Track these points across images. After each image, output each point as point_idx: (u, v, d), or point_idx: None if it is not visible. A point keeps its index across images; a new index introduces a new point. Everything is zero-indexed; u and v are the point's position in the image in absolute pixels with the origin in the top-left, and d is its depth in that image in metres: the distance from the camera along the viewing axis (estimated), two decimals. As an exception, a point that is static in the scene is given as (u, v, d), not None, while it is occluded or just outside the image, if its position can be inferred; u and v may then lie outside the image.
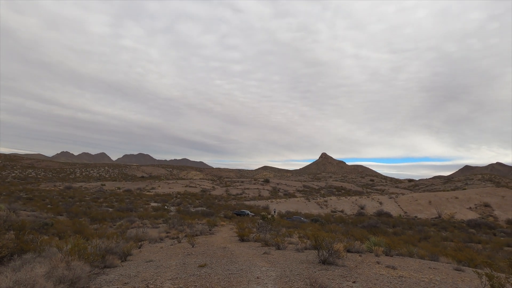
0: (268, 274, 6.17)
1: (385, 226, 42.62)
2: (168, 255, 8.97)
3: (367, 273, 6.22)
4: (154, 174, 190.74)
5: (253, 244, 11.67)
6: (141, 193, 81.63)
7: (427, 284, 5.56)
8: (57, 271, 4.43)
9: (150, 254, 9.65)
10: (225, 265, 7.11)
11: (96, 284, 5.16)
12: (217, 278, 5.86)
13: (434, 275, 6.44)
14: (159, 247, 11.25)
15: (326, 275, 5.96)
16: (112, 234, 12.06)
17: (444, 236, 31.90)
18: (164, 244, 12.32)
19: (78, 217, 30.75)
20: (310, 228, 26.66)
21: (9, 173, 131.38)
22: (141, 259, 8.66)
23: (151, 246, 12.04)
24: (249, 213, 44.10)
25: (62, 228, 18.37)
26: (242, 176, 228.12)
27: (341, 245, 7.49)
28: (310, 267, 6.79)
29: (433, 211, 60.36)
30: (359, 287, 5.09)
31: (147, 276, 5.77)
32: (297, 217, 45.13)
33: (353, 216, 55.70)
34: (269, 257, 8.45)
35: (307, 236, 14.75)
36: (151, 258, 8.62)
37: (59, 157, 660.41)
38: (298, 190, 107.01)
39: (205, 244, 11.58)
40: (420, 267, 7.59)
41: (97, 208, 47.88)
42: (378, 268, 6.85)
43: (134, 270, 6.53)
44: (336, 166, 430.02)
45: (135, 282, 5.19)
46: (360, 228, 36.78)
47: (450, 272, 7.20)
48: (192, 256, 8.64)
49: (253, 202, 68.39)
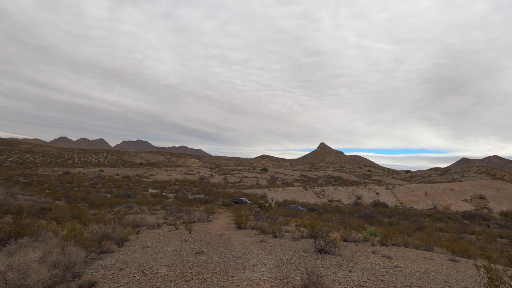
0: (264, 262, 6.18)
1: (381, 216, 43.22)
2: (165, 242, 8.99)
3: (363, 263, 6.24)
4: (152, 161, 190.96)
5: (250, 232, 11.74)
6: (139, 180, 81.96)
7: (422, 274, 5.59)
8: (51, 256, 4.39)
9: (147, 240, 9.69)
10: (222, 252, 7.12)
11: (92, 269, 5.15)
12: (213, 265, 5.85)
13: (429, 266, 6.49)
14: (156, 233, 11.30)
15: (322, 264, 5.98)
16: (110, 219, 12.08)
17: (438, 227, 32.41)
18: (161, 231, 12.37)
19: (76, 202, 30.87)
20: (307, 217, 26.94)
21: (7, 157, 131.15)
22: (138, 245, 8.68)
23: (148, 232, 12.10)
24: (246, 201, 44.46)
25: (60, 213, 18.43)
26: (241, 164, 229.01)
27: (337, 234, 7.51)
28: (306, 255, 6.82)
29: (429, 202, 61.13)
30: (355, 276, 5.10)
31: (143, 262, 5.76)
32: (294, 205, 45.58)
33: (349, 206, 56.36)
34: (266, 245, 8.49)
35: (304, 225, 14.85)
36: (148, 244, 8.64)
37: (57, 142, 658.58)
38: (296, 179, 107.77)
39: (202, 231, 11.64)
40: (416, 257, 7.66)
41: (95, 193, 48.06)
42: (374, 258, 6.89)
43: (130, 256, 6.54)
44: (334, 156, 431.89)
45: (131, 268, 5.18)
46: (356, 217, 37.26)
47: (445, 262, 7.26)
48: (189, 243, 8.67)
49: (251, 190, 68.90)
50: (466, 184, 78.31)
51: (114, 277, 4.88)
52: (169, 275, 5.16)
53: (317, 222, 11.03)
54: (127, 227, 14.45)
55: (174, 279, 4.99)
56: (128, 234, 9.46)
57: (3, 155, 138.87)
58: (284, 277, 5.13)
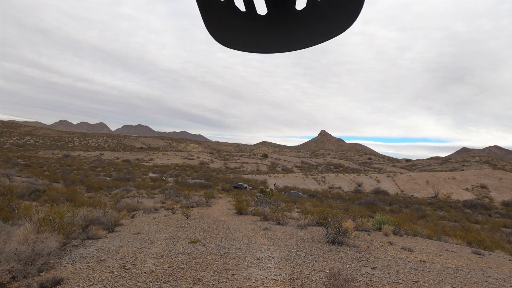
0: (271, 254, 5.41)
1: (382, 203, 42.84)
2: (159, 227, 8.27)
3: (384, 257, 5.47)
4: (153, 146, 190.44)
5: (251, 218, 11.04)
6: (139, 164, 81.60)
7: (455, 272, 4.82)
8: (9, 246, 3.59)
9: (141, 225, 8.97)
10: (221, 242, 6.38)
11: (69, 260, 4.37)
12: (210, 258, 5.08)
13: (457, 260, 5.74)
14: (151, 218, 10.59)
15: (338, 258, 5.21)
16: (100, 203, 11.34)
17: (441, 215, 31.95)
18: (157, 215, 11.68)
19: (74, 185, 30.33)
20: (308, 203, 26.37)
21: (7, 139, 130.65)
22: (130, 230, 7.95)
23: (144, 217, 11.40)
24: (247, 187, 44.02)
25: (54, 195, 17.74)
26: (241, 150, 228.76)
27: (350, 223, 6.72)
28: (317, 247, 6.05)
29: (430, 191, 60.80)
30: (382, 275, 4.31)
31: (129, 253, 4.99)
32: (295, 192, 45.17)
33: (350, 193, 56.05)
34: (270, 234, 7.78)
35: (310, 212, 14.16)
36: (140, 229, 7.90)
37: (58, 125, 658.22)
38: (296, 166, 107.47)
39: (201, 216, 10.93)
40: (436, 249, 6.91)
41: (94, 176, 47.63)
42: (394, 250, 6.13)
43: (117, 243, 5.77)
44: (335, 143, 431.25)
45: (113, 260, 4.39)
46: (357, 204, 36.85)
47: (470, 256, 6.53)
48: (185, 229, 7.94)
49: (251, 176, 68.55)
50: (468, 173, 77.82)
51: (88, 272, 4.10)
52: (155, 270, 4.39)
53: (327, 209, 10.28)
54: (122, 211, 13.74)
55: (160, 276, 4.19)
56: (119, 218, 8.72)
57: (3, 137, 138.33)
58: (297, 276, 4.34)
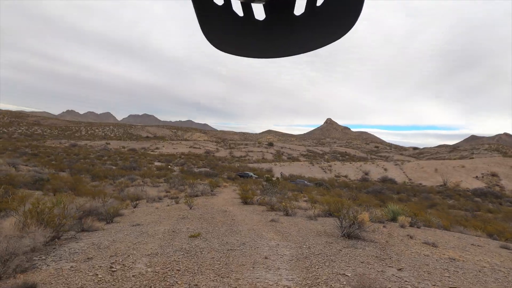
0: (280, 251, 4.86)
1: (389, 192, 42.19)
2: (160, 218, 7.84)
3: (408, 253, 4.89)
4: (158, 135, 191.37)
5: (257, 208, 10.56)
6: (145, 153, 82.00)
7: (492, 272, 4.20)
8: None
9: (142, 215, 8.56)
10: (224, 236, 5.88)
11: (54, 257, 3.91)
12: (211, 257, 4.53)
13: (488, 257, 5.15)
14: (154, 208, 10.21)
15: (357, 256, 4.61)
16: (99, 192, 10.99)
17: (450, 204, 31.19)
18: (161, 204, 11.29)
19: (80, 174, 30.37)
20: (315, 192, 25.89)
21: (16, 129, 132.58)
22: (129, 221, 7.54)
23: (147, 206, 11.04)
24: (252, 175, 43.76)
25: (58, 184, 17.54)
26: (246, 139, 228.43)
27: (366, 214, 6.14)
28: (331, 242, 5.49)
29: (439, 179, 59.76)
30: (412, 279, 3.70)
31: (121, 249, 4.49)
32: (301, 180, 44.78)
33: (357, 182, 55.45)
34: (278, 226, 7.27)
35: (319, 201, 13.64)
36: (140, 221, 7.48)
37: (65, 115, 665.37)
38: (302, 154, 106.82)
39: (204, 206, 10.50)
40: (461, 243, 6.32)
41: (100, 165, 47.87)
42: (416, 246, 5.54)
43: (111, 237, 5.31)
44: (341, 132, 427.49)
45: (101, 258, 3.88)
46: (365, 193, 36.31)
47: (500, 251, 5.92)
48: (187, 221, 7.49)
49: (256, 164, 68.28)
50: (478, 161, 76.13)
51: (69, 275, 3.60)
52: (146, 273, 3.83)
53: (340, 200, 9.71)
54: (125, 200, 13.41)
55: (150, 281, 3.63)
56: (118, 209, 8.33)
57: (11, 127, 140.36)
58: (313, 282, 3.78)
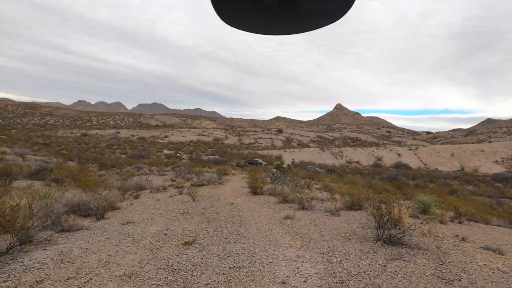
0: (302, 270, 3.62)
1: (404, 178, 40.61)
2: (157, 213, 6.97)
3: (475, 268, 3.55)
4: (168, 123, 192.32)
5: (268, 199, 9.55)
6: (154, 141, 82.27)
7: None
8: None
9: (139, 209, 7.72)
10: (226, 242, 4.69)
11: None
12: (205, 281, 3.24)
13: None
14: (155, 200, 9.39)
15: (412, 277, 3.37)
16: (91, 183, 10.23)
17: (471, 191, 29.51)
18: (163, 195, 10.47)
19: (88, 163, 30.20)
20: (327, 179, 24.78)
21: (29, 120, 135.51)
22: (122, 217, 6.69)
23: (148, 197, 10.25)
24: (261, 162, 42.91)
25: (63, 173, 17.03)
26: (255, 126, 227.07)
27: (404, 211, 5.00)
28: (368, 251, 4.23)
29: (455, 164, 57.41)
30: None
31: (89, 265, 3.45)
32: (312, 167, 43.69)
33: (369, 168, 53.87)
34: (295, 226, 6.09)
35: (336, 190, 12.55)
36: (134, 217, 6.62)
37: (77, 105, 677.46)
38: (312, 141, 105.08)
39: (210, 197, 9.59)
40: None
41: (110, 154, 48.02)
42: (478, 253, 4.19)
43: (87, 243, 4.36)
44: (351, 117, 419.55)
45: (54, 281, 2.87)
46: (379, 179, 34.95)
47: None
48: (185, 218, 6.53)
49: (265, 151, 67.35)
50: (497, 145, 72.71)
51: None
52: None
53: (361, 189, 8.59)
54: (128, 190, 12.67)
55: None
56: (114, 201, 7.54)
57: (25, 118, 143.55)
58: None
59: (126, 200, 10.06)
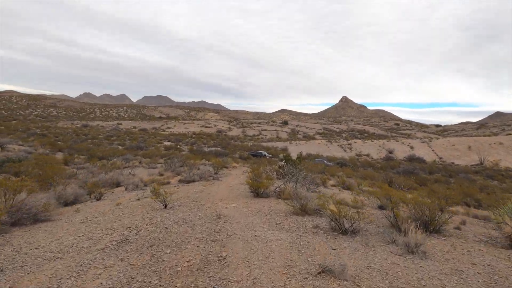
0: None
1: (421, 172, 37.43)
2: (85, 238, 4.18)
3: None
4: (171, 115, 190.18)
5: (275, 206, 6.59)
6: (156, 132, 79.98)
7: None
8: None
9: (70, 225, 4.95)
10: None
11: None
12: None
13: None
14: (115, 204, 6.67)
15: None
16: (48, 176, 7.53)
17: (505, 187, 26.24)
18: (129, 198, 7.72)
19: (79, 154, 27.82)
20: (340, 173, 21.86)
21: (32, 111, 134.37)
22: (28, 241, 3.98)
23: (112, 200, 7.57)
24: (266, 155, 40.10)
25: (30, 166, 14.39)
26: (260, 118, 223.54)
27: None
28: None
29: (473, 158, 53.81)
30: None
31: None
32: (320, 159, 40.75)
33: (380, 161, 50.68)
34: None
35: (367, 191, 9.68)
36: (46, 243, 3.92)
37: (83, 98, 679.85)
38: (318, 133, 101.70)
39: (192, 202, 6.83)
40: None
41: (107, 145, 45.77)
42: None
43: None
44: (357, 110, 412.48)
45: None
46: (394, 174, 31.89)
47: None
48: (118, 254, 3.76)
49: (270, 143, 64.45)
50: (516, 137, 68.56)
51: None
52: None
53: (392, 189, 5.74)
54: (96, 187, 9.93)
55: None
56: (33, 214, 4.89)
57: (28, 109, 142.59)
58: None
59: (83, 203, 7.35)
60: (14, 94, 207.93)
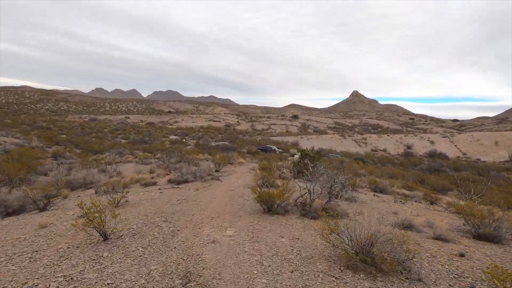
0: None
1: (448, 169, 33.98)
2: None
3: None
4: (180, 110, 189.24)
5: (303, 238, 3.57)
6: (163, 126, 78.40)
7: None
8: None
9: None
10: None
11: None
12: None
13: None
14: (36, 228, 4.26)
15: None
16: None
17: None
18: (71, 214, 5.28)
19: (77, 148, 26.01)
20: (362, 171, 19.07)
21: (43, 105, 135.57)
22: None
23: (58, 213, 5.22)
24: (276, 149, 37.38)
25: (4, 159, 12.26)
26: (269, 112, 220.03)
27: None
28: None
29: (501, 154, 49.58)
30: None
31: None
32: (333, 155, 37.84)
33: (398, 156, 47.21)
34: None
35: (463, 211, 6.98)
36: None
37: (95, 93, 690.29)
38: (330, 127, 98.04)
39: (155, 230, 4.21)
40: None
41: (111, 139, 44.18)
42: None
43: None
44: (368, 105, 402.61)
45: None
46: (418, 171, 28.70)
47: None
48: None
49: (280, 138, 61.68)
50: (546, 132, 63.32)
51: None
52: None
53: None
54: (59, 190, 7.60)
55: None
56: None
57: (40, 103, 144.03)
58: None
59: (29, 212, 4.96)
60: (27, 89, 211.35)
